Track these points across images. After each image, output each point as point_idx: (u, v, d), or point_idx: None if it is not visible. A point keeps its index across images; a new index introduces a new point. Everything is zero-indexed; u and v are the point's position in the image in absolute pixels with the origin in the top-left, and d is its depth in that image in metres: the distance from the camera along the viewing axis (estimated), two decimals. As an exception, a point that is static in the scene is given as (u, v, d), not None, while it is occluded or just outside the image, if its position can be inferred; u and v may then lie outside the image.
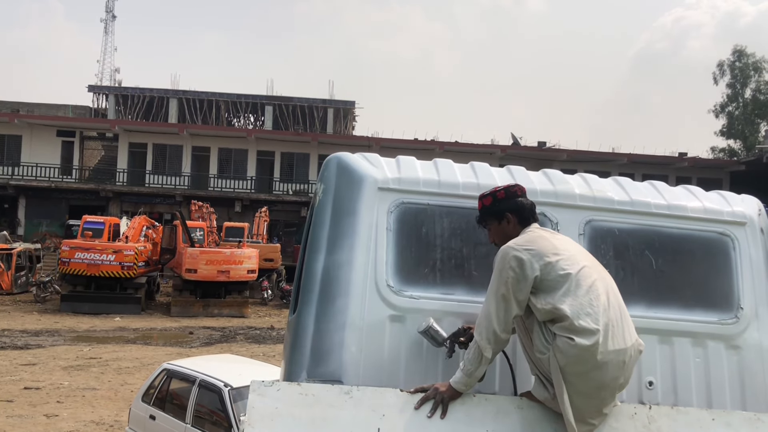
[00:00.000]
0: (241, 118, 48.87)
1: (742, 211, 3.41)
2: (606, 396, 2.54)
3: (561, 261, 2.60)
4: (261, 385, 2.60)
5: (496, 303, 2.59)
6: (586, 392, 2.49)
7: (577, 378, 2.47)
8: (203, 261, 23.94)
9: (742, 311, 3.21)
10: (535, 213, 2.90)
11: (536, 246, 2.64)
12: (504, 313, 2.58)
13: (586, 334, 2.45)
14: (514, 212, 2.85)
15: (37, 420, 10.72)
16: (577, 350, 2.44)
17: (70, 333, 19.28)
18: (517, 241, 2.69)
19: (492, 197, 2.91)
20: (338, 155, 3.32)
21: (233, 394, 7.50)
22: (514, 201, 2.86)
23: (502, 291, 2.59)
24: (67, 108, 44.74)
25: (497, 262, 2.67)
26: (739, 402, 3.10)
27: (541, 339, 2.56)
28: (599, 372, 2.47)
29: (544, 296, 2.57)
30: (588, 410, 2.52)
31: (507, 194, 2.89)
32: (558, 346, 2.49)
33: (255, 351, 17.15)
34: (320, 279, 3.03)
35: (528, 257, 2.59)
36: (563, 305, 2.51)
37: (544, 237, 2.72)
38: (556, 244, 2.67)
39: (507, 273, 2.59)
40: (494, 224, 2.90)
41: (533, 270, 2.57)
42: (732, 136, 46.74)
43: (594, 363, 2.45)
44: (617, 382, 2.53)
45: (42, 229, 37.33)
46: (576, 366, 2.46)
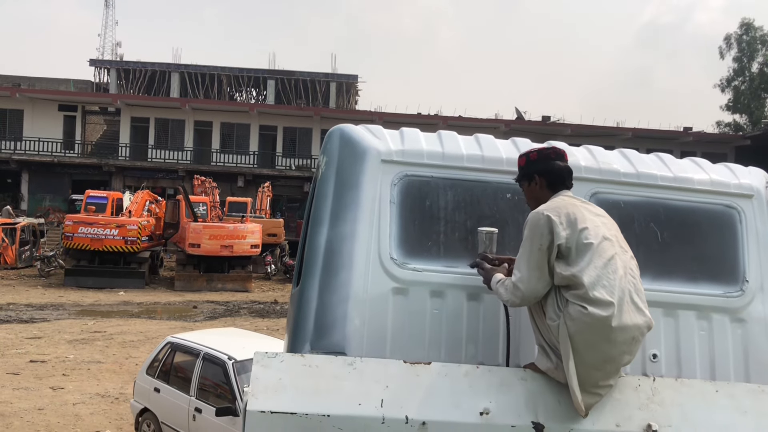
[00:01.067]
0: (243, 92, 48.63)
1: (749, 184, 3.37)
2: (611, 369, 2.53)
3: (585, 231, 2.59)
4: (264, 357, 2.60)
5: (531, 265, 2.58)
6: (592, 363, 2.48)
7: (585, 348, 2.46)
8: (206, 236, 24.00)
9: (747, 284, 3.20)
10: (569, 179, 2.85)
11: (564, 213, 2.62)
12: (537, 276, 2.57)
13: (601, 305, 2.44)
14: (543, 175, 2.83)
15: (42, 392, 10.83)
16: (590, 319, 2.43)
17: (74, 307, 19.41)
18: (546, 205, 2.69)
19: (526, 158, 2.90)
20: (341, 127, 3.28)
21: (237, 366, 7.55)
22: (545, 164, 2.84)
23: (534, 248, 2.59)
24: (68, 82, 44.54)
25: (527, 226, 2.66)
26: (743, 374, 3.10)
27: (554, 305, 2.56)
28: (608, 344, 2.46)
29: (564, 263, 2.56)
30: (592, 381, 2.51)
31: (539, 156, 2.87)
32: (570, 314, 2.47)
33: (259, 325, 17.25)
34: (323, 252, 3.01)
35: (557, 221, 2.58)
36: (582, 274, 2.50)
37: (573, 204, 2.69)
38: (584, 213, 2.66)
39: (537, 238, 2.59)
40: (525, 185, 2.90)
41: (558, 237, 2.56)
42: (738, 110, 46.39)
43: (604, 335, 2.44)
44: (624, 357, 2.53)
45: (45, 204, 37.39)
46: (585, 335, 2.45)
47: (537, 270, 2.58)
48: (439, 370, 2.62)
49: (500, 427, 2.52)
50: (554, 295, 2.57)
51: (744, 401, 2.70)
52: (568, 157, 3.27)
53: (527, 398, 2.59)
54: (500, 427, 2.52)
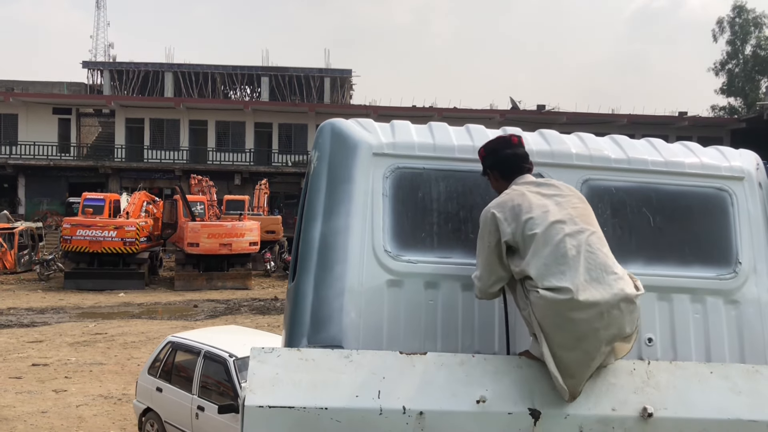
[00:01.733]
0: (238, 90, 48.54)
1: (740, 166, 3.38)
2: (590, 348, 2.48)
3: (530, 221, 2.58)
4: (261, 352, 2.61)
5: (483, 263, 2.68)
6: (565, 344, 2.48)
7: (554, 330, 2.48)
8: (205, 235, 24.01)
9: (740, 266, 3.21)
10: (522, 163, 2.86)
11: (509, 206, 2.65)
12: (488, 274, 2.67)
13: (554, 290, 2.46)
14: (494, 168, 2.89)
15: (46, 395, 10.86)
16: (546, 302, 2.46)
17: (75, 310, 19.42)
18: (494, 201, 2.74)
19: (479, 155, 2.97)
20: (332, 121, 3.29)
21: (238, 364, 7.58)
22: (493, 157, 2.89)
23: (484, 247, 2.67)
24: (62, 85, 44.43)
25: (480, 224, 2.73)
26: (737, 356, 3.12)
27: (521, 295, 2.61)
28: (572, 324, 2.46)
29: (517, 257, 2.60)
30: (572, 363, 2.50)
31: (487, 151, 2.93)
32: (532, 302, 2.52)
33: (260, 322, 17.28)
34: (318, 246, 3.02)
35: (501, 217, 2.63)
36: (528, 267, 2.53)
37: (521, 194, 2.68)
38: (531, 201, 2.64)
39: (486, 236, 2.67)
40: (488, 179, 2.96)
41: (504, 233, 2.61)
42: (732, 93, 46.39)
43: (565, 316, 2.45)
44: (600, 333, 2.47)
45: (42, 208, 37.38)
46: (549, 319, 2.48)
47: (488, 267, 2.66)
48: (435, 360, 2.64)
49: (497, 415, 2.53)
50: (519, 286, 2.62)
51: (738, 381, 2.72)
52: (560, 145, 3.29)
53: (523, 385, 2.61)
54: (497, 415, 2.53)
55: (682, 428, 2.60)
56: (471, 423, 2.53)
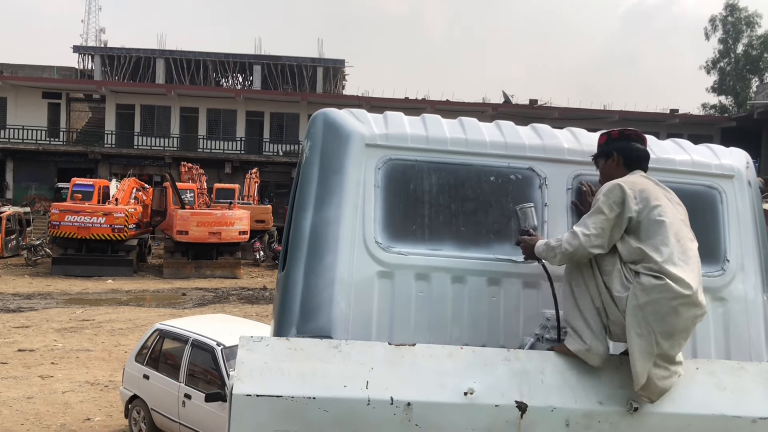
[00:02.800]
0: (230, 78, 48.26)
1: (730, 164, 3.40)
2: (674, 345, 2.55)
3: (659, 208, 2.65)
4: (250, 341, 2.61)
5: (597, 225, 2.64)
6: (659, 333, 2.51)
7: (655, 319, 2.50)
8: (194, 223, 23.92)
9: (728, 264, 3.24)
10: (645, 162, 2.93)
11: (638, 188, 2.70)
12: (595, 237, 2.62)
13: (672, 276, 2.50)
14: (622, 153, 2.91)
15: (31, 381, 10.81)
16: (661, 288, 2.49)
17: (62, 296, 19.32)
18: (623, 179, 2.76)
19: (607, 136, 3.00)
20: (324, 111, 3.28)
21: (226, 352, 7.58)
22: (626, 142, 2.93)
23: (604, 212, 2.64)
24: (52, 69, 43.98)
25: (601, 193, 2.71)
26: (723, 353, 3.14)
27: (620, 278, 2.60)
28: (675, 317, 2.50)
29: (635, 237, 2.63)
30: (659, 352, 2.54)
31: (620, 135, 2.97)
32: (642, 284, 2.52)
33: (248, 311, 17.26)
34: (308, 236, 3.02)
35: (630, 194, 2.66)
36: (655, 249, 2.56)
37: (648, 183, 2.77)
38: (658, 193, 2.73)
39: (607, 205, 2.65)
40: (602, 162, 2.97)
41: (629, 209, 2.63)
42: (723, 92, 46.60)
43: (674, 307, 2.49)
44: (685, 334, 2.56)
45: (31, 193, 37.07)
46: (659, 306, 2.50)
47: (599, 229, 2.63)
48: (424, 352, 2.65)
49: (484, 407, 2.55)
50: (621, 268, 2.61)
51: (723, 378, 2.74)
52: (553, 139, 3.30)
53: (511, 378, 2.62)
54: (484, 407, 2.55)
55: (667, 423, 2.63)
56: (458, 414, 2.55)
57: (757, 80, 45.29)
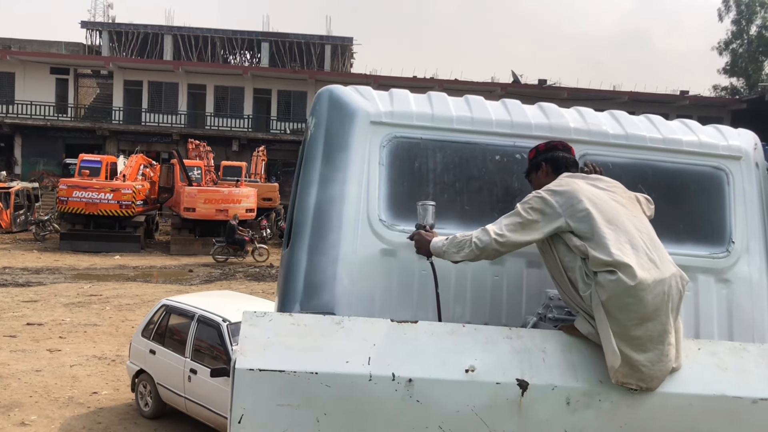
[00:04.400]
0: (237, 55, 48.07)
1: (738, 145, 3.38)
2: (652, 330, 2.53)
3: (583, 203, 2.64)
4: (253, 316, 2.62)
5: (514, 228, 2.64)
6: (629, 324, 2.51)
7: (618, 311, 2.51)
8: (201, 200, 23.98)
9: (733, 245, 3.23)
10: (572, 168, 2.92)
11: (563, 188, 2.69)
12: (511, 231, 2.63)
13: (621, 267, 2.49)
14: (549, 162, 2.92)
15: (40, 354, 10.94)
16: (615, 284, 2.48)
17: (70, 271, 19.46)
18: (545, 186, 2.75)
19: (535, 150, 3.00)
20: (330, 88, 3.26)
21: (231, 328, 7.64)
22: (552, 153, 2.94)
23: (521, 214, 2.66)
24: (60, 45, 43.93)
25: (525, 199, 2.71)
26: (726, 334, 3.15)
27: (582, 276, 2.61)
28: (640, 305, 2.49)
29: (577, 237, 2.62)
30: (634, 342, 2.53)
31: (546, 147, 2.98)
32: (599, 282, 2.53)
33: (254, 288, 17.36)
34: (313, 213, 3.03)
35: (552, 198, 2.65)
36: (596, 245, 2.56)
37: (573, 180, 2.76)
38: (582, 187, 2.71)
39: (526, 208, 2.66)
40: (534, 175, 2.98)
41: (556, 213, 2.63)
42: (735, 73, 46.08)
43: (634, 295, 2.48)
44: (660, 313, 2.53)
45: (39, 168, 37.23)
46: (616, 300, 2.49)
47: (511, 231, 2.64)
48: (426, 329, 2.65)
49: (485, 384, 2.56)
50: (581, 265, 2.62)
51: (725, 358, 2.74)
52: (559, 118, 3.28)
53: (512, 356, 2.63)
54: (485, 384, 2.56)
55: (668, 403, 2.63)
56: (459, 391, 2.56)
57: (770, 62, 44.78)
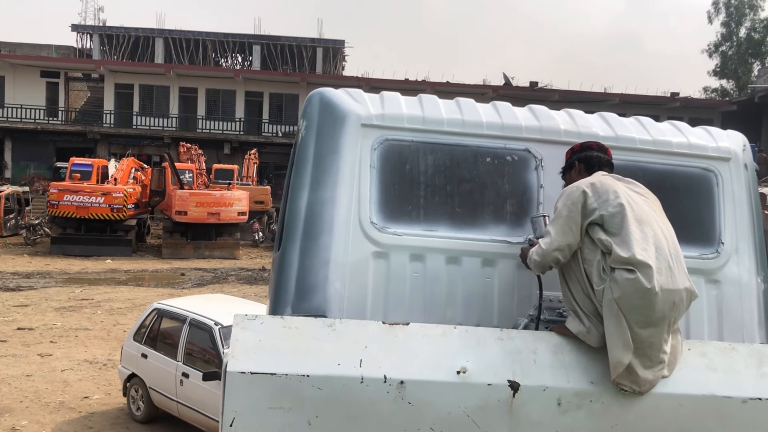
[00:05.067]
0: (229, 58, 47.99)
1: (727, 147, 3.40)
2: (654, 335, 2.56)
3: (617, 199, 2.68)
4: (244, 319, 2.62)
5: (558, 231, 2.70)
6: (633, 326, 2.54)
7: (629, 311, 2.53)
8: (193, 203, 23.90)
9: (723, 246, 3.25)
10: (606, 167, 2.96)
11: (597, 184, 2.74)
12: (559, 239, 2.69)
13: (641, 267, 2.52)
14: (582, 161, 2.97)
15: (31, 359, 10.87)
16: (631, 283, 2.51)
17: (61, 275, 19.35)
18: (581, 180, 2.81)
19: (571, 150, 3.05)
20: (321, 91, 3.27)
21: (223, 332, 7.61)
22: (587, 152, 2.99)
23: (563, 214, 2.71)
24: (50, 48, 43.68)
25: (561, 198, 2.77)
26: (716, 335, 3.17)
27: (599, 270, 2.63)
28: (650, 308, 2.52)
29: (603, 230, 2.65)
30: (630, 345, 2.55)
31: (582, 147, 3.02)
32: (615, 278, 2.55)
33: (247, 291, 17.31)
34: (304, 216, 3.03)
35: (589, 192, 2.70)
36: (621, 242, 2.59)
37: (607, 178, 2.81)
38: (617, 185, 2.76)
39: (567, 207, 2.71)
40: (567, 174, 3.02)
41: (589, 207, 2.68)
42: (725, 75, 46.35)
43: (647, 298, 2.51)
44: (664, 321, 2.57)
45: (29, 172, 37.01)
46: (629, 299, 2.52)
47: (560, 233, 2.69)
48: (417, 331, 2.66)
49: (477, 386, 2.57)
50: (600, 259, 2.64)
51: (715, 358, 2.76)
52: (549, 120, 3.29)
53: (503, 358, 2.64)
54: (477, 386, 2.57)
55: (659, 403, 2.65)
56: (451, 393, 2.57)
57: (759, 64, 45.04)
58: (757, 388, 2.69)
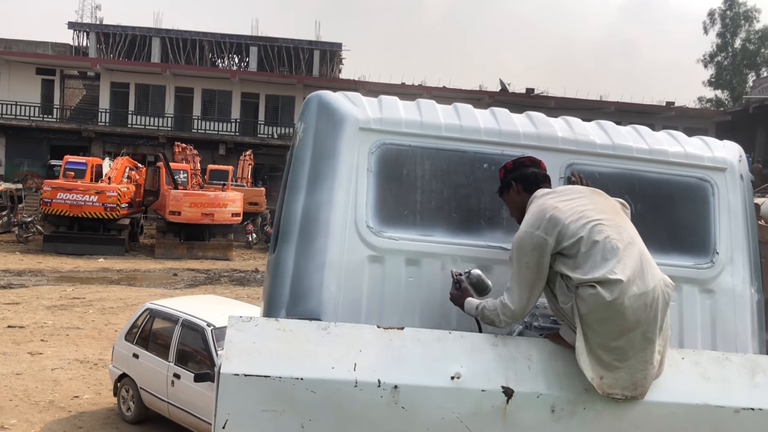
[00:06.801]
0: (226, 58, 47.95)
1: (723, 157, 3.41)
2: (633, 339, 2.53)
3: (571, 225, 2.62)
4: (239, 321, 2.61)
5: (525, 285, 2.65)
6: (607, 337, 2.52)
7: (599, 324, 2.51)
8: (187, 203, 23.85)
9: (717, 256, 3.25)
10: (543, 182, 2.90)
11: (544, 220, 2.65)
12: (528, 297, 2.65)
13: (607, 285, 2.48)
14: (518, 181, 2.91)
15: (21, 357, 10.81)
16: (595, 298, 2.48)
17: (53, 273, 19.27)
18: (525, 221, 2.71)
19: (504, 169, 2.98)
20: (319, 94, 3.27)
21: (216, 333, 7.59)
22: (520, 171, 2.92)
23: (524, 275, 2.65)
24: (46, 45, 43.57)
25: (513, 248, 2.70)
26: (710, 344, 3.17)
27: (563, 289, 2.61)
28: (620, 318, 2.49)
29: (562, 259, 2.62)
30: (609, 355, 2.54)
31: (514, 165, 2.96)
32: (580, 295, 2.53)
33: (239, 293, 17.27)
34: (300, 219, 3.02)
35: (540, 234, 2.63)
36: (573, 263, 2.57)
37: (550, 206, 2.70)
38: (562, 209, 2.67)
39: (524, 257, 2.64)
40: (506, 195, 2.97)
41: (547, 244, 2.62)
42: (720, 86, 46.65)
43: (614, 309, 2.48)
44: (640, 325, 2.52)
45: (23, 169, 36.86)
46: (597, 313, 2.49)
47: (530, 288, 2.65)
48: (412, 336, 2.65)
49: (471, 391, 2.56)
50: (561, 280, 2.62)
51: (708, 368, 2.77)
52: (547, 127, 3.30)
53: (498, 363, 2.63)
54: (471, 391, 2.56)
55: (651, 411, 2.65)
56: (445, 398, 2.56)
57: (754, 75, 45.35)
58: (750, 398, 2.69)
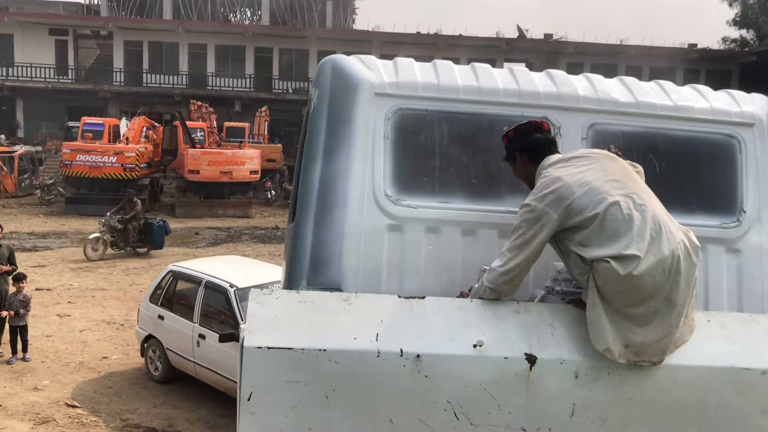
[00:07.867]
0: (237, 12, 47.34)
1: (751, 112, 3.30)
2: (654, 304, 2.50)
3: (580, 199, 2.55)
4: (260, 294, 2.62)
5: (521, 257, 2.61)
6: (626, 306, 2.50)
7: (616, 296, 2.49)
8: (205, 162, 23.93)
9: (744, 215, 3.18)
10: (550, 147, 2.82)
11: (549, 190, 2.59)
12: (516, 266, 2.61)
13: (621, 260, 2.44)
14: (523, 151, 2.82)
15: (50, 319, 11.06)
16: (613, 273, 2.44)
17: (76, 235, 19.53)
18: (534, 193, 2.65)
19: (506, 138, 2.89)
20: (332, 58, 3.19)
21: (239, 293, 7.68)
22: (523, 139, 2.82)
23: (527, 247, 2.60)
24: (58, 5, 43.30)
25: (518, 216, 2.65)
26: (736, 305, 3.12)
27: (578, 262, 2.57)
28: (638, 289, 2.47)
29: (572, 235, 2.57)
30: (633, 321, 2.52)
31: (516, 133, 2.86)
32: (595, 269, 2.49)
33: (261, 250, 17.43)
34: (317, 189, 2.99)
35: (542, 204, 2.58)
36: (591, 245, 2.51)
37: (557, 179, 2.62)
38: (569, 182, 2.59)
39: (529, 229, 2.60)
40: (512, 164, 2.90)
41: (552, 220, 2.56)
42: (745, 25, 45.16)
43: (632, 282, 2.44)
44: (663, 292, 2.50)
45: (42, 131, 37.10)
46: (613, 286, 2.47)
47: (526, 262, 2.61)
48: (433, 305, 2.65)
49: (493, 359, 2.56)
50: (575, 254, 2.57)
51: (734, 330, 2.73)
52: (568, 86, 3.20)
53: (520, 331, 2.62)
54: (493, 359, 2.56)
55: (677, 375, 2.63)
56: (468, 366, 2.56)
57: (781, 13, 43.84)
58: (776, 361, 2.66)
